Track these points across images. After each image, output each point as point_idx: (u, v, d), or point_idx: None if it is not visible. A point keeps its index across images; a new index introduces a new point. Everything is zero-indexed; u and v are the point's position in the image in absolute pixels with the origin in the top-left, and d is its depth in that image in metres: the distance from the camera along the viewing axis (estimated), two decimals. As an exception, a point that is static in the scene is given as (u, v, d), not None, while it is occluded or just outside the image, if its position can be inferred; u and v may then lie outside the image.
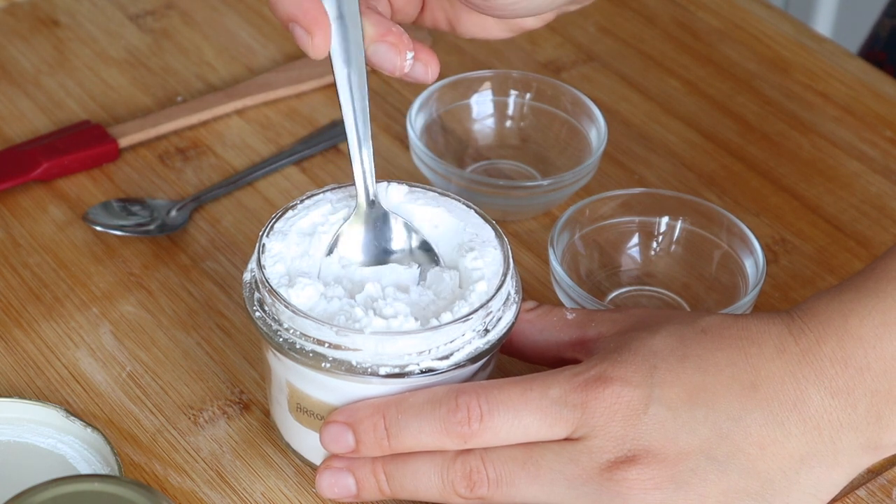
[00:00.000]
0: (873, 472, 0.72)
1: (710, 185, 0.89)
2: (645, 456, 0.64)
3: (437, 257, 0.71)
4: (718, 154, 0.92)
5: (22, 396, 0.72)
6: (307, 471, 0.70)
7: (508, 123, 0.90)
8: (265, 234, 0.69)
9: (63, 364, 0.75)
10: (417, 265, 0.70)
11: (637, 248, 0.81)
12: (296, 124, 0.92)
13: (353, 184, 0.70)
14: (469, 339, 0.66)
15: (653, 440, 0.64)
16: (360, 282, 0.69)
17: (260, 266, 0.68)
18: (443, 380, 0.66)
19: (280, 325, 0.66)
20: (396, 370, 0.65)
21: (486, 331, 0.67)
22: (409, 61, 0.69)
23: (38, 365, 0.75)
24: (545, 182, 0.83)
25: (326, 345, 0.65)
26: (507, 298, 0.68)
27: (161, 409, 0.73)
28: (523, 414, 0.64)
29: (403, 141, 0.90)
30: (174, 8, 1.01)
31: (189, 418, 0.73)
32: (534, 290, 0.81)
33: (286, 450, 0.71)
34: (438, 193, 0.73)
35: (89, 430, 0.68)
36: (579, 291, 0.75)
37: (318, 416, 0.67)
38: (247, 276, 0.69)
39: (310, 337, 0.65)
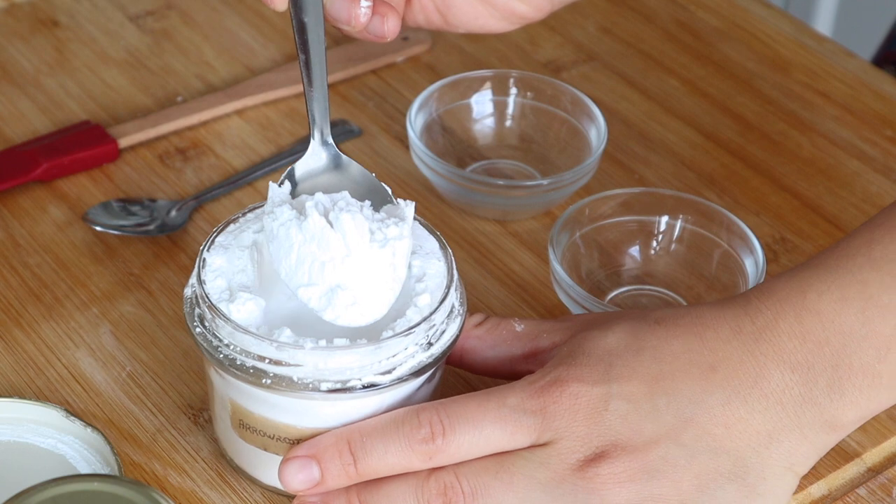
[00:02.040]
0: (874, 471, 0.72)
1: (710, 184, 0.89)
2: (613, 450, 0.64)
3: (390, 197, 0.70)
4: (718, 153, 0.92)
5: (22, 396, 0.72)
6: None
7: (508, 123, 0.90)
8: (206, 248, 0.68)
9: (63, 364, 0.75)
10: (369, 202, 0.69)
11: (637, 248, 0.81)
12: (296, 124, 0.92)
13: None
14: (412, 353, 0.65)
15: (618, 434, 0.64)
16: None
17: (200, 281, 0.67)
18: (388, 395, 0.65)
19: (220, 341, 0.65)
20: (338, 385, 0.64)
21: (430, 344, 0.66)
22: (365, 10, 0.69)
23: (38, 365, 0.75)
24: (545, 182, 0.83)
25: (267, 360, 0.64)
26: (451, 311, 0.68)
27: (161, 409, 0.73)
28: (483, 425, 0.64)
29: (403, 141, 0.90)
30: (174, 8, 1.01)
31: (189, 418, 0.73)
32: (534, 289, 0.81)
33: (230, 466, 0.70)
34: None
35: (89, 429, 0.68)
36: (579, 291, 0.75)
37: (261, 433, 0.67)
38: (187, 292, 0.68)
39: (250, 353, 0.64)
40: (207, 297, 0.66)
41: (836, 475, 0.72)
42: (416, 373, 0.66)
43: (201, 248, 0.68)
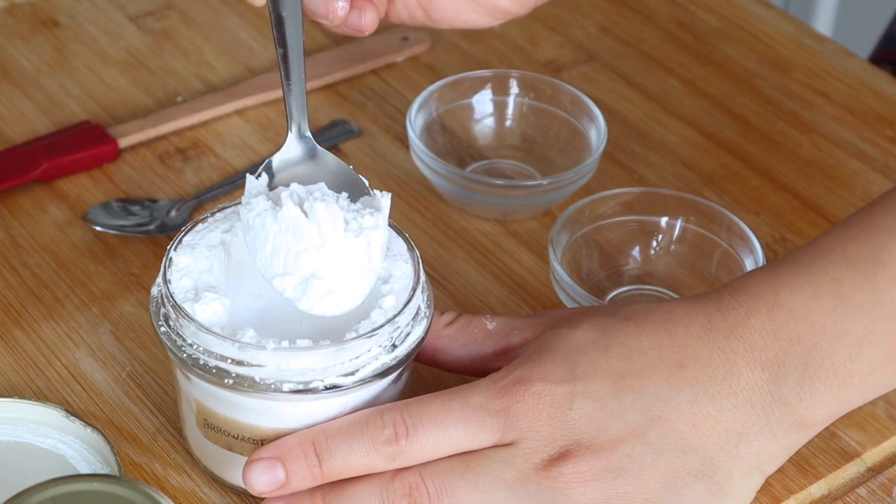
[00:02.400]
0: (874, 471, 0.72)
1: (710, 184, 0.89)
2: (578, 449, 0.63)
3: (367, 189, 0.70)
4: (718, 153, 0.92)
5: (22, 396, 0.72)
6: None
7: (508, 123, 0.90)
8: (173, 247, 0.68)
9: (63, 364, 0.75)
10: (346, 193, 0.69)
11: (637, 248, 0.81)
12: (296, 124, 0.91)
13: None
14: (375, 356, 0.65)
15: (583, 433, 0.63)
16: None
17: (165, 281, 0.67)
18: (352, 396, 0.65)
19: (184, 340, 0.65)
20: (301, 386, 0.64)
21: (394, 346, 0.66)
22: (343, 4, 0.69)
23: (38, 365, 0.75)
24: (545, 182, 0.83)
25: (229, 361, 0.64)
26: (417, 313, 0.67)
27: (161, 409, 0.73)
28: (447, 424, 0.63)
29: (403, 141, 0.90)
30: (174, 8, 1.01)
31: (189, 418, 0.73)
32: (534, 289, 0.81)
33: (197, 466, 0.70)
34: None
35: (89, 429, 0.68)
36: (579, 291, 0.75)
37: (226, 433, 0.67)
38: (154, 291, 0.68)
39: (213, 353, 0.64)
40: (172, 297, 0.66)
41: (836, 475, 0.72)
42: (380, 374, 0.65)
43: (168, 247, 0.68)
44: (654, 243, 0.81)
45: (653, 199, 0.81)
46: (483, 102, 0.89)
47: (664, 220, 0.81)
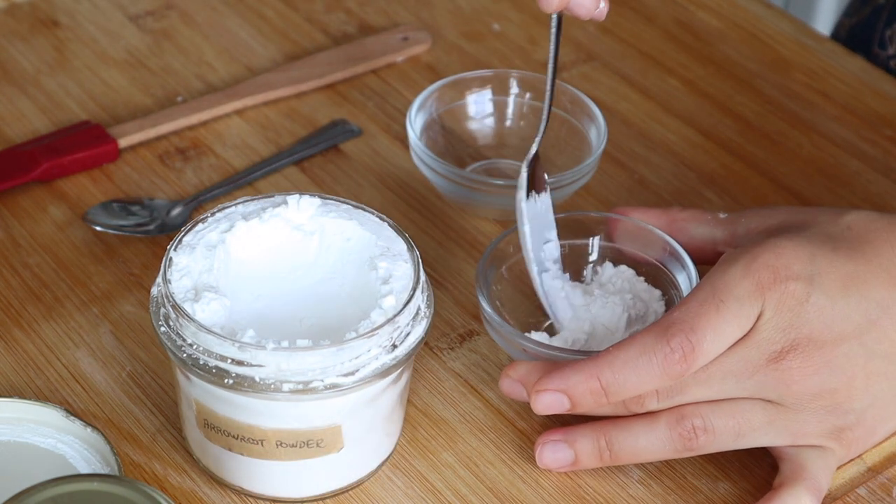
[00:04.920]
0: (874, 471, 0.72)
1: (710, 184, 0.89)
2: (807, 344, 0.67)
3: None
4: (718, 153, 0.92)
5: (22, 396, 0.72)
6: (307, 470, 0.70)
7: (508, 123, 0.90)
8: (173, 247, 0.68)
9: (63, 364, 0.75)
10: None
11: (567, 276, 0.79)
12: (296, 124, 0.92)
13: (267, 195, 0.72)
14: (375, 356, 0.65)
15: (813, 328, 0.67)
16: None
17: (165, 280, 0.67)
18: (351, 396, 0.65)
19: (184, 340, 0.65)
20: (300, 386, 0.64)
21: (394, 346, 0.66)
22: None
23: (38, 365, 0.75)
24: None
25: (229, 361, 0.64)
26: (417, 313, 0.67)
27: (161, 409, 0.73)
28: (724, 329, 0.67)
29: (403, 141, 0.90)
30: (174, 8, 1.01)
31: (189, 418, 0.73)
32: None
33: (197, 465, 0.70)
34: (352, 206, 0.72)
35: (89, 429, 0.68)
36: (509, 329, 0.73)
37: (226, 433, 0.67)
38: (154, 291, 0.68)
39: (213, 353, 0.65)
40: (172, 297, 0.66)
41: (836, 475, 0.72)
42: (380, 374, 0.65)
43: (168, 246, 0.68)
44: (588, 269, 0.80)
45: (578, 222, 0.80)
46: (483, 102, 0.89)
47: (595, 241, 0.80)
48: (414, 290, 0.67)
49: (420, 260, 0.69)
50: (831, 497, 0.71)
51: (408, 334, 0.67)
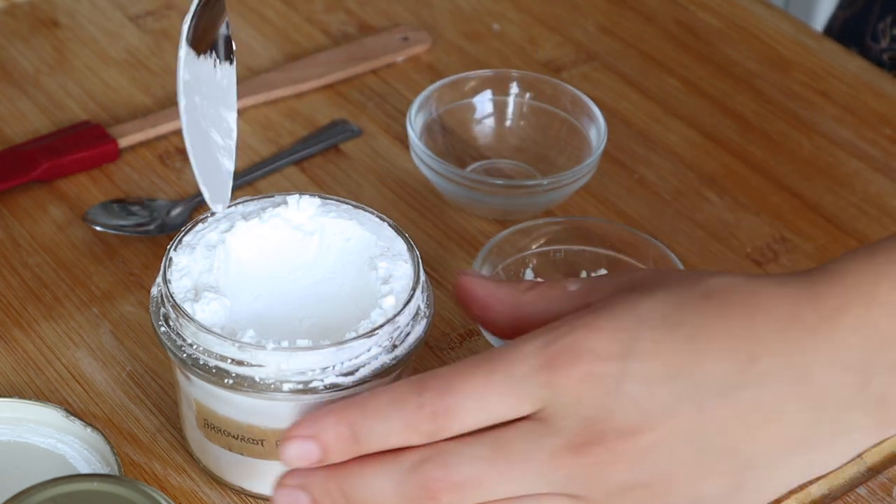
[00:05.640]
0: (874, 471, 0.72)
1: (710, 184, 0.89)
2: (616, 436, 0.58)
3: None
4: (718, 153, 0.92)
5: (22, 396, 0.72)
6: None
7: (508, 123, 0.90)
8: (173, 247, 0.68)
9: (63, 364, 0.75)
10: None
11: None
12: (296, 124, 0.92)
13: (267, 195, 0.71)
14: (375, 356, 0.65)
15: (624, 418, 0.58)
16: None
17: (165, 281, 0.67)
18: (351, 394, 0.64)
19: (184, 340, 0.65)
20: (300, 386, 0.64)
21: (394, 346, 0.66)
22: None
23: (38, 365, 0.75)
24: (545, 181, 0.83)
25: (229, 361, 0.64)
26: (417, 313, 0.67)
27: (161, 409, 0.73)
28: (489, 400, 0.59)
29: (403, 141, 0.90)
30: (174, 8, 1.01)
31: (189, 418, 0.73)
32: (534, 289, 0.81)
33: (197, 465, 0.70)
34: (352, 206, 0.71)
35: (89, 429, 0.68)
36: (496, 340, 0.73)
37: (226, 433, 0.67)
38: (154, 291, 0.68)
39: (213, 353, 0.64)
40: (172, 297, 0.66)
41: (836, 475, 0.72)
42: (380, 374, 0.65)
43: (168, 246, 0.68)
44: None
45: (576, 228, 0.80)
46: (483, 102, 0.90)
47: (589, 249, 0.80)
48: (414, 289, 0.67)
49: (420, 260, 0.69)
50: (831, 497, 0.71)
51: (408, 334, 0.67)
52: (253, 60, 0.97)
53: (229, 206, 0.71)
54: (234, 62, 0.70)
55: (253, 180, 0.87)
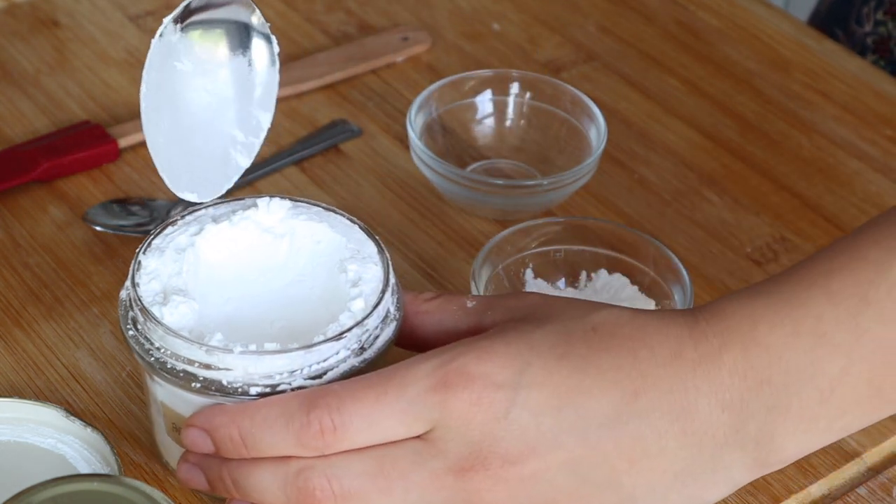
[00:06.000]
0: (874, 471, 0.72)
1: (711, 184, 0.89)
2: (500, 463, 0.60)
3: None
4: (718, 153, 0.92)
5: (22, 396, 0.72)
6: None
7: (508, 123, 0.90)
8: (142, 250, 0.68)
9: (63, 364, 0.75)
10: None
11: (562, 280, 0.79)
12: (296, 124, 0.92)
13: (237, 198, 0.71)
14: (343, 358, 0.64)
15: (510, 446, 0.59)
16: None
17: (133, 284, 0.66)
18: None
19: (152, 344, 0.65)
20: (268, 389, 0.63)
21: (363, 349, 0.65)
22: None
23: (38, 365, 0.75)
24: (545, 181, 0.83)
25: (196, 364, 0.64)
26: (386, 316, 0.67)
27: (161, 409, 0.73)
28: (379, 420, 0.60)
29: (403, 141, 0.90)
30: (174, 8, 1.00)
31: (189, 418, 0.73)
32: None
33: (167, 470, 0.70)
34: (323, 209, 0.71)
35: (89, 429, 0.68)
36: None
37: None
38: (123, 294, 0.68)
39: (180, 356, 0.64)
40: (140, 300, 0.65)
41: (836, 475, 0.72)
42: (348, 377, 0.64)
43: (137, 250, 0.68)
44: (583, 275, 0.80)
45: (575, 229, 0.79)
46: (483, 102, 0.90)
47: (588, 250, 0.79)
48: (383, 292, 0.66)
49: (390, 262, 0.68)
50: (831, 497, 0.71)
51: (377, 337, 0.66)
52: (253, 60, 0.97)
53: (198, 210, 0.71)
54: (278, 64, 0.71)
55: (253, 180, 0.87)
